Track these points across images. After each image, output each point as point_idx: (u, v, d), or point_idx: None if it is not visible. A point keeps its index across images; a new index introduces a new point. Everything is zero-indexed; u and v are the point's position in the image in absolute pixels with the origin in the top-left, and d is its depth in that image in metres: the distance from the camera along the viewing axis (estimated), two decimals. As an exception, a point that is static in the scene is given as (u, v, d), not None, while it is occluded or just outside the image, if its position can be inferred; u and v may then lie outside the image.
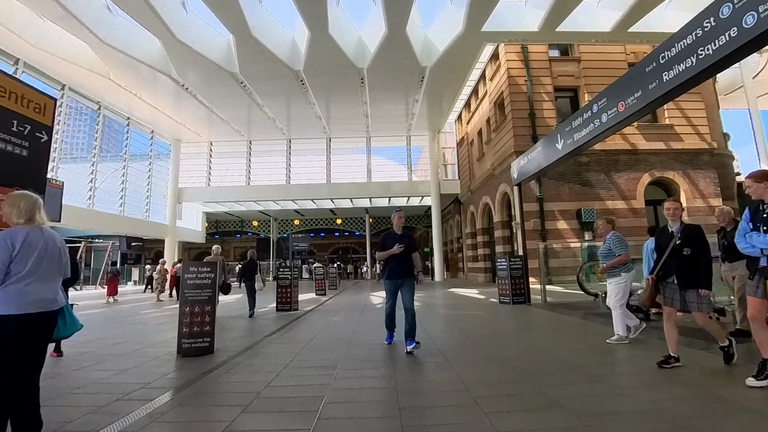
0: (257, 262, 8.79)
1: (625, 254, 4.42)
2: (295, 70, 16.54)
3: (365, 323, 6.37)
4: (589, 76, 16.28)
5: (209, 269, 4.47)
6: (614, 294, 4.48)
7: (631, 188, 15.70)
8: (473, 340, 4.94)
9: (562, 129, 6.42)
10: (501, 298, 8.45)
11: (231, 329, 6.21)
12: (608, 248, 4.55)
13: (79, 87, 18.25)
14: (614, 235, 4.58)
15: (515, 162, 8.61)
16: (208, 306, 4.41)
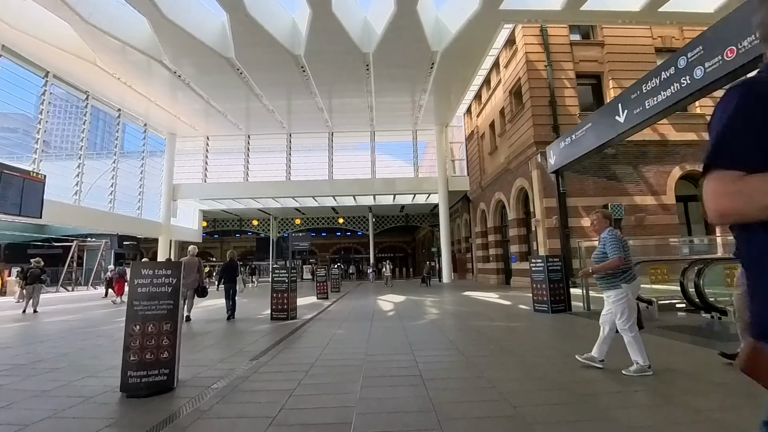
0: (238, 263, 7.71)
1: (619, 258, 3.37)
2: (295, 55, 15.30)
3: (379, 339, 5.11)
4: (614, 61, 15.01)
5: (170, 272, 3.21)
6: (618, 314, 3.41)
7: (661, 183, 14.42)
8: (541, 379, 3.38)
9: (625, 97, 5.14)
10: (536, 306, 7.18)
11: (207, 346, 4.95)
12: (602, 251, 3.54)
13: (64, 74, 17.06)
14: (611, 233, 3.55)
15: (552, 146, 7.34)
16: (168, 324, 3.15)
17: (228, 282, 7.91)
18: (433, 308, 8.63)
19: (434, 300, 10.75)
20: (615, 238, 3.48)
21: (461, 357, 3.94)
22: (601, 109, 5.79)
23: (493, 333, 5.32)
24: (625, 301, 3.37)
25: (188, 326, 7.05)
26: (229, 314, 7.59)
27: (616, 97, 5.37)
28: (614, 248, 3.41)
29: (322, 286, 12.26)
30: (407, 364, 3.74)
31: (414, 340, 4.89)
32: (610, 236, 3.52)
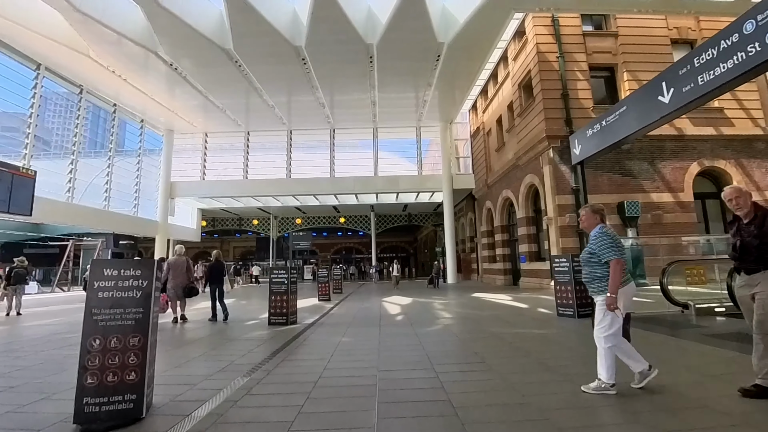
0: (224, 263, 7.62)
1: (618, 261, 2.81)
2: (296, 46, 14.70)
3: (390, 350, 4.48)
4: (628, 53, 14.37)
5: (140, 272, 2.59)
6: (599, 319, 2.90)
7: (678, 179, 13.80)
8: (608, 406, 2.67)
9: (670, 74, 4.50)
10: (560, 310, 6.54)
11: (194, 358, 4.32)
12: (590, 251, 3.01)
13: (57, 67, 16.45)
14: (601, 231, 2.98)
15: (577, 135, 6.71)
16: (136, 337, 2.53)
17: (214, 283, 7.49)
18: (444, 312, 8.00)
19: (443, 302, 10.12)
20: (608, 237, 2.91)
21: (493, 375, 3.31)
22: (639, 90, 5.15)
23: (520, 342, 4.68)
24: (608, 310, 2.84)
25: (179, 329, 6.44)
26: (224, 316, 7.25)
27: (657, 76, 4.73)
28: (608, 249, 2.85)
29: (324, 288, 11.64)
30: (430, 384, 3.11)
31: (432, 351, 4.26)
32: (601, 234, 2.94)
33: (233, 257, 40.64)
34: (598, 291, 2.91)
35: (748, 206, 2.82)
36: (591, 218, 3.11)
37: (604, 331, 2.81)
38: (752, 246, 2.67)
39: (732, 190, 2.91)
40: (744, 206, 2.83)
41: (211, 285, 7.49)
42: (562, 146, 13.44)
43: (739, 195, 2.83)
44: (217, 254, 7.77)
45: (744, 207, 2.83)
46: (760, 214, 2.74)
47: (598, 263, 2.91)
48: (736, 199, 2.82)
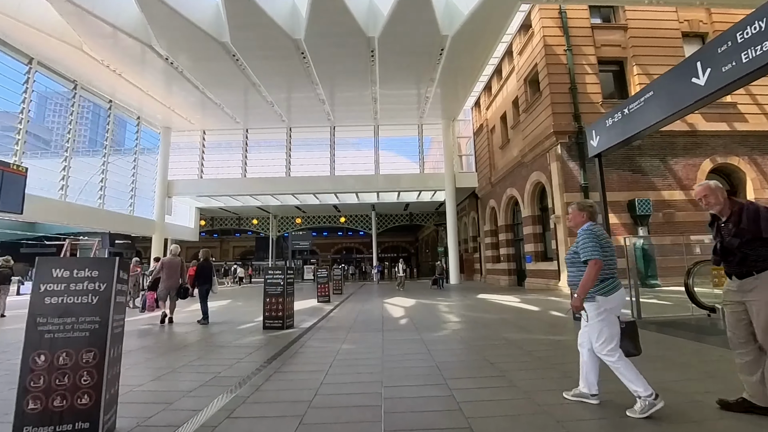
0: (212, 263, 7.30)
1: (595, 261, 2.52)
2: (295, 39, 14.24)
3: (396, 360, 4.02)
4: (638, 46, 13.92)
5: (96, 273, 2.14)
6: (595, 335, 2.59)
7: (690, 176, 13.33)
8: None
9: (707, 52, 4.05)
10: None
11: (176, 369, 3.86)
12: (574, 250, 2.75)
13: (50, 61, 16.00)
14: (587, 229, 2.69)
15: (595, 125, 6.25)
16: (91, 352, 2.08)
17: (204, 284, 7.11)
18: (450, 315, 7.54)
19: (449, 304, 9.66)
20: (590, 235, 2.61)
21: (517, 393, 2.85)
22: (668, 73, 4.68)
23: (539, 350, 4.22)
24: (603, 319, 2.53)
25: (167, 332, 6.00)
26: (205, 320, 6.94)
27: (691, 55, 4.28)
28: (588, 248, 2.56)
29: (323, 289, 11.19)
30: (445, 404, 2.65)
31: (442, 361, 3.80)
32: (585, 232, 2.66)
33: (233, 257, 40.23)
34: (589, 298, 2.58)
35: (721, 203, 2.53)
36: (578, 216, 2.81)
37: (606, 346, 2.51)
38: (733, 246, 2.41)
39: (700, 189, 2.63)
40: (716, 204, 2.54)
41: (201, 286, 7.09)
42: (571, 142, 13.01)
43: (707, 193, 2.56)
44: (206, 254, 7.36)
45: (716, 205, 2.55)
46: (735, 211, 2.46)
47: (582, 264, 2.62)
48: (705, 198, 2.59)
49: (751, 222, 2.35)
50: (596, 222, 2.79)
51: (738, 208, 2.46)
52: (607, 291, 2.55)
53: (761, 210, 2.39)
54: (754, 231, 2.32)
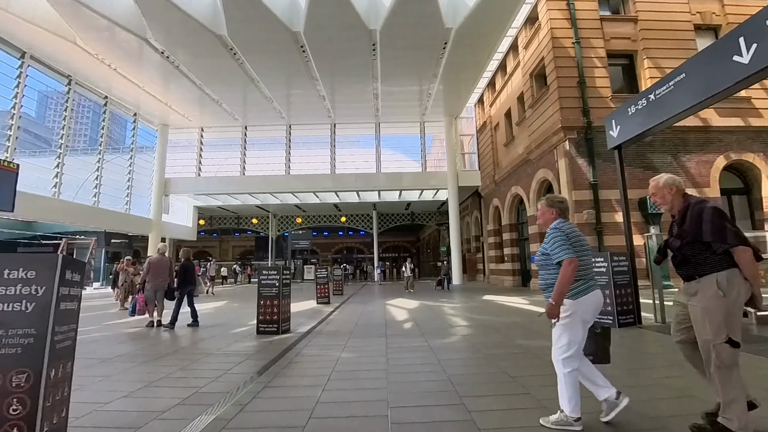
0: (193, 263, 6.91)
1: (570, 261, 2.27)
2: (294, 32, 13.81)
3: (402, 372, 3.57)
4: (649, 39, 13.45)
5: (33, 274, 1.71)
6: (555, 339, 2.39)
7: (703, 173, 12.88)
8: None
9: (751, 27, 3.59)
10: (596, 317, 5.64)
11: (152, 382, 3.42)
12: (543, 251, 2.48)
13: (43, 56, 15.60)
14: (555, 227, 2.43)
15: (615, 115, 5.82)
16: (23, 374, 1.65)
17: (188, 284, 6.70)
18: (457, 318, 7.08)
19: (454, 306, 9.21)
20: (560, 233, 2.35)
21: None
22: (703, 53, 4.24)
23: None
24: (568, 323, 2.28)
25: (153, 337, 5.56)
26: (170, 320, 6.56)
27: (732, 31, 3.82)
28: (557, 247, 2.31)
29: (323, 289, 10.75)
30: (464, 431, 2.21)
31: (455, 373, 3.36)
32: (553, 231, 2.40)
33: (232, 257, 39.84)
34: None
35: (668, 202, 2.36)
36: (546, 213, 2.54)
37: (562, 353, 2.29)
38: (675, 248, 2.27)
39: (650, 186, 2.44)
40: (664, 202, 2.38)
41: (184, 287, 6.66)
42: (579, 138, 12.57)
43: (654, 191, 2.40)
44: (186, 253, 6.92)
45: (664, 203, 2.38)
46: (681, 210, 2.29)
47: (554, 266, 2.34)
48: (653, 196, 2.43)
49: (692, 223, 2.16)
50: (567, 218, 2.50)
51: (684, 207, 2.26)
52: (576, 293, 2.28)
53: (705, 211, 2.15)
54: (695, 233, 2.14)
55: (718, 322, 2.03)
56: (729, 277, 2.05)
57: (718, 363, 2.03)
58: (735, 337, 2.02)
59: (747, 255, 2.05)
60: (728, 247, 2.06)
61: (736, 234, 2.08)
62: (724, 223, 2.08)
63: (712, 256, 2.10)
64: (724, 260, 2.08)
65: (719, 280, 2.05)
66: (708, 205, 2.19)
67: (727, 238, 2.06)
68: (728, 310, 2.03)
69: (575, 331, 2.27)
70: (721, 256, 2.08)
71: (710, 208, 2.16)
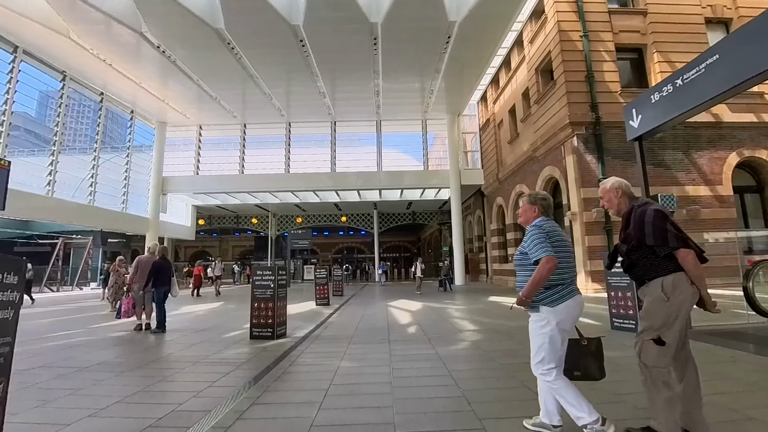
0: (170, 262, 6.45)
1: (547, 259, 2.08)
2: (293, 25, 13.41)
3: (409, 385, 3.17)
4: (659, 32, 13.05)
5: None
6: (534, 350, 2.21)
7: (716, 171, 12.48)
8: None
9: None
10: (616, 322, 5.21)
11: (124, 397, 3.02)
12: (522, 250, 2.31)
13: (36, 50, 15.23)
14: (536, 225, 2.26)
15: (637, 103, 5.42)
16: None
17: (162, 284, 6.17)
18: (464, 321, 6.66)
19: (459, 308, 8.81)
20: (540, 231, 2.19)
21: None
22: (740, 30, 3.83)
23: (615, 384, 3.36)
24: (545, 333, 2.12)
25: (138, 342, 5.17)
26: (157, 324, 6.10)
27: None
28: (536, 246, 2.15)
29: (323, 290, 10.35)
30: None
31: (471, 389, 2.95)
32: (532, 229, 2.25)
33: (232, 257, 39.45)
34: (532, 308, 2.17)
35: (615, 205, 2.29)
36: (528, 211, 2.37)
37: (544, 365, 2.13)
38: (622, 252, 2.24)
39: (600, 188, 2.42)
40: (611, 206, 2.32)
41: (156, 288, 6.14)
42: (588, 133, 12.16)
43: (602, 194, 2.37)
44: (162, 250, 6.45)
45: (611, 206, 2.32)
46: (625, 213, 2.25)
47: (531, 265, 2.16)
48: (601, 199, 2.40)
49: (636, 227, 2.10)
50: (550, 217, 2.32)
51: (628, 210, 2.20)
52: (554, 301, 2.10)
53: (647, 214, 2.08)
54: (638, 237, 2.09)
55: (653, 323, 2.00)
56: (674, 281, 1.99)
57: (643, 359, 2.01)
58: (665, 338, 1.96)
59: (689, 257, 1.99)
60: (670, 250, 2.00)
61: (677, 236, 2.02)
62: (664, 226, 2.02)
63: (658, 260, 2.04)
64: (671, 264, 2.02)
65: (664, 284, 2.01)
66: (650, 207, 2.11)
67: (669, 241, 2.00)
68: (669, 314, 1.98)
69: (553, 344, 2.07)
70: (666, 259, 2.02)
71: (652, 210, 2.09)
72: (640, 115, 5.25)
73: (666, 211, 2.13)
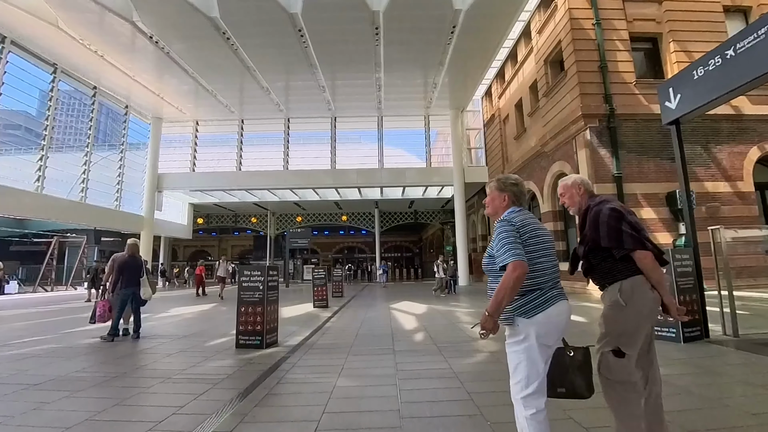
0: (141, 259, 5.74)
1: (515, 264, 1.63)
2: (291, 14, 12.80)
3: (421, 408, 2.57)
4: (675, 20, 12.41)
5: None
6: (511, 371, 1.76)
7: (736, 166, 11.85)
8: None
9: None
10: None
11: (75, 425, 2.41)
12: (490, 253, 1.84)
13: (24, 40, 14.63)
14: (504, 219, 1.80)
15: (675, 81, 4.79)
16: None
17: (129, 286, 5.53)
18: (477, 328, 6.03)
19: (468, 312, 8.17)
20: (507, 227, 1.74)
21: None
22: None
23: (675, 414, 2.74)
24: (522, 350, 1.70)
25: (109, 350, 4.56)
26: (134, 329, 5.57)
27: None
28: (503, 247, 1.70)
29: (321, 292, 9.73)
30: None
31: (501, 421, 2.31)
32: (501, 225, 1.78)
33: (232, 256, 38.88)
34: (505, 319, 1.74)
35: (575, 203, 2.12)
36: (496, 200, 1.92)
37: (520, 390, 1.72)
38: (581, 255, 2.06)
39: (560, 185, 2.23)
40: (572, 204, 2.15)
41: (123, 290, 5.50)
42: (601, 126, 11.53)
43: (563, 191, 2.20)
44: (132, 246, 5.77)
45: (573, 204, 2.15)
46: (581, 213, 2.08)
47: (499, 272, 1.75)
48: (561, 197, 2.23)
49: (591, 227, 1.97)
50: (523, 207, 1.89)
51: (584, 209, 2.05)
52: (530, 310, 1.70)
53: (602, 213, 1.93)
54: (593, 238, 1.96)
55: (610, 331, 1.87)
56: (633, 285, 1.86)
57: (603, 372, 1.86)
58: (626, 348, 1.82)
59: (647, 260, 1.85)
60: (626, 251, 1.86)
61: (632, 236, 1.87)
62: (619, 226, 1.87)
63: (616, 263, 1.90)
64: (630, 267, 1.88)
65: (622, 288, 1.87)
66: (606, 206, 1.95)
67: (624, 242, 1.85)
68: (627, 322, 1.84)
69: (534, 362, 1.69)
70: (623, 262, 1.88)
71: (607, 209, 1.93)
72: (679, 94, 4.62)
73: (623, 210, 1.94)
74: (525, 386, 1.70)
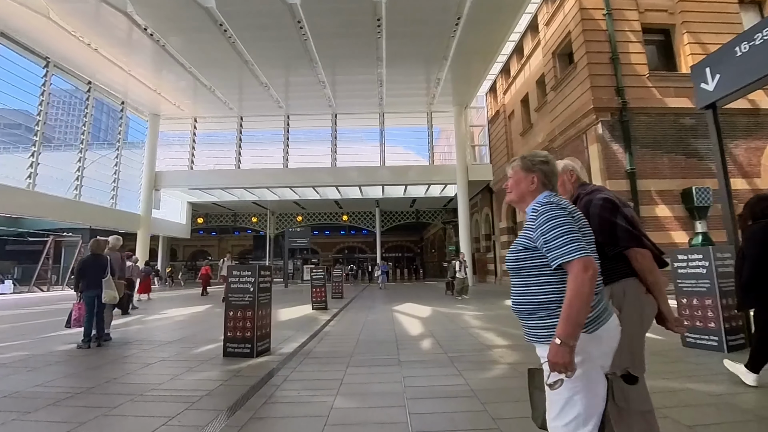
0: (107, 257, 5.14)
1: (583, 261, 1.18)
2: (290, 4, 12.34)
3: None
4: (688, 11, 11.92)
5: None
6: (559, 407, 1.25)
7: (753, 161, 11.37)
8: None
9: None
10: (691, 337, 4.08)
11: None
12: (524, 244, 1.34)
13: (15, 33, 14.20)
14: (550, 203, 1.32)
15: (710, 59, 4.30)
16: None
17: (90, 288, 5.05)
18: (490, 334, 5.50)
19: (476, 315, 7.69)
20: (558, 211, 1.29)
21: None
22: None
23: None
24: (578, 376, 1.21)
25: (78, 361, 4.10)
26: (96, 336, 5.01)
27: None
28: (561, 235, 1.25)
29: (319, 293, 9.26)
30: None
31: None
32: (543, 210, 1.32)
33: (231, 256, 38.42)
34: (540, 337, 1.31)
35: (568, 191, 1.85)
36: (523, 182, 1.47)
37: (577, 429, 1.23)
38: None
39: None
40: (564, 192, 1.84)
41: (85, 292, 5.06)
42: (613, 120, 11.04)
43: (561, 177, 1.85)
44: (95, 245, 5.30)
45: (565, 193, 1.84)
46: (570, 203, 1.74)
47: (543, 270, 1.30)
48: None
49: None
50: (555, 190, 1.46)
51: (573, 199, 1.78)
52: (591, 321, 1.25)
53: (593, 204, 1.66)
54: None
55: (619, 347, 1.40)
56: (626, 289, 1.59)
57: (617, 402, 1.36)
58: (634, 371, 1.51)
59: (645, 260, 1.59)
60: (620, 249, 1.59)
61: (628, 232, 1.60)
62: (613, 219, 1.62)
63: (608, 262, 1.56)
64: (623, 267, 1.61)
65: (614, 292, 1.58)
66: (597, 195, 1.71)
67: (618, 238, 1.59)
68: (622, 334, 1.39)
69: (592, 390, 1.26)
70: (616, 262, 1.60)
71: (599, 199, 1.68)
72: (719, 74, 4.14)
73: (618, 201, 1.70)
74: (581, 425, 1.24)
